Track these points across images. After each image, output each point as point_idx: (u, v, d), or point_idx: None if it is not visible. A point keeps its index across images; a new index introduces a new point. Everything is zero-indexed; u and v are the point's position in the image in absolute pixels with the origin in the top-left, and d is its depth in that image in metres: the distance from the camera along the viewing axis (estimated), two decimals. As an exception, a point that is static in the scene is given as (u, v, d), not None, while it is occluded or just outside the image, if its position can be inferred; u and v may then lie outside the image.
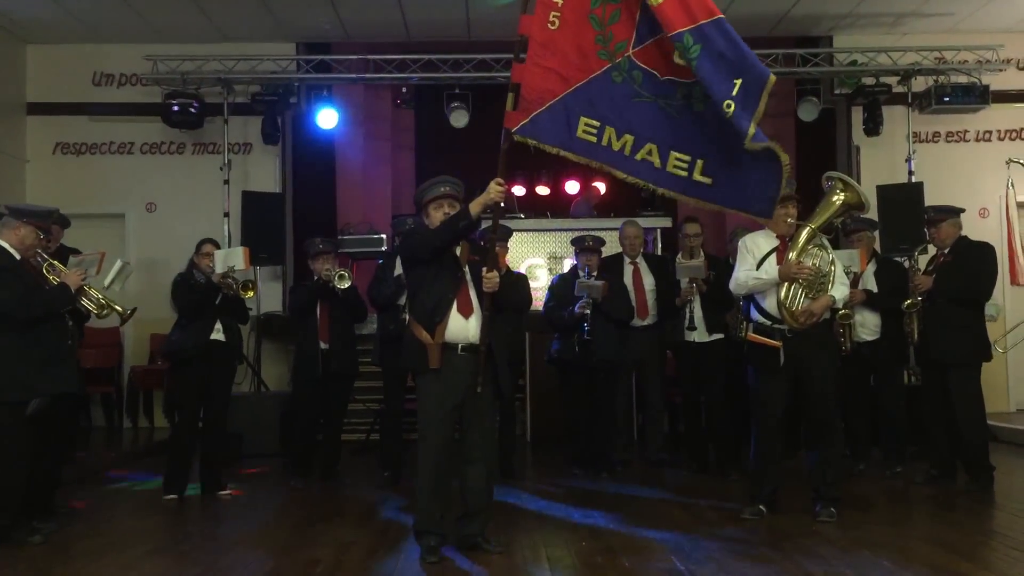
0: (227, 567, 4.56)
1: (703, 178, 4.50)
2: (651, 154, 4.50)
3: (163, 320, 6.48)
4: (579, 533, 5.11)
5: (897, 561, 4.38)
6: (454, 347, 4.56)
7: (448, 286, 4.58)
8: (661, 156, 4.50)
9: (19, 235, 5.15)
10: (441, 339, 4.53)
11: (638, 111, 4.51)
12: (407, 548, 4.71)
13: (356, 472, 7.14)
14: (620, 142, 4.53)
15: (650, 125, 4.51)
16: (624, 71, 4.51)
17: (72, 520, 5.55)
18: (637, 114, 4.51)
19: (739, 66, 4.27)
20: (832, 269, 5.30)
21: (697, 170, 4.50)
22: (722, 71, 4.28)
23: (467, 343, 4.57)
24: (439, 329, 4.53)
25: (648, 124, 4.51)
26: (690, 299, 6.67)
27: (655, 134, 4.51)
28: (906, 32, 9.65)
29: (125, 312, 5.66)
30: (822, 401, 5.29)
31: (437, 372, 4.53)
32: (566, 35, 4.54)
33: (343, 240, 9.43)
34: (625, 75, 4.51)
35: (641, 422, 8.11)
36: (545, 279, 9.30)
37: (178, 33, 9.42)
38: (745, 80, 4.25)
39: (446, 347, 4.54)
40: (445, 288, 4.57)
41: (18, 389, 4.99)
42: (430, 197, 4.72)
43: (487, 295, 4.55)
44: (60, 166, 9.75)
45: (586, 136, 4.56)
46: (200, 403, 6.36)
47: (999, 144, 9.78)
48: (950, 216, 6.19)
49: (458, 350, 4.56)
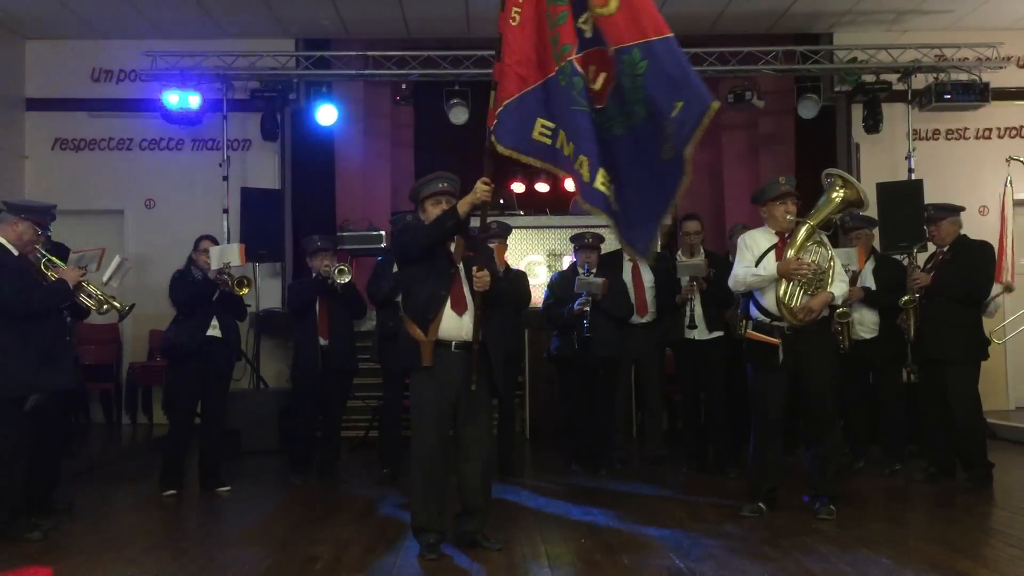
0: (225, 563, 4.55)
1: (616, 204, 4.41)
2: (582, 167, 4.41)
3: (162, 316, 6.48)
4: (578, 531, 5.11)
5: (896, 559, 4.37)
6: (447, 344, 4.55)
7: (441, 283, 4.57)
8: (591, 170, 4.38)
9: (17, 231, 5.14)
10: (434, 336, 4.53)
11: (575, 119, 4.40)
12: (406, 545, 4.70)
13: (355, 469, 7.13)
14: (569, 147, 4.44)
15: (584, 136, 4.39)
16: (567, 75, 4.39)
17: (70, 516, 5.54)
18: (574, 122, 4.41)
19: (683, 89, 4.18)
20: (831, 266, 5.29)
21: (613, 191, 4.40)
22: (666, 90, 4.19)
23: (460, 340, 4.56)
24: (432, 326, 4.53)
25: (582, 135, 4.40)
26: (690, 297, 6.67)
27: (587, 146, 4.39)
28: (906, 29, 9.65)
29: (123, 308, 5.67)
30: (821, 399, 5.29)
31: (430, 370, 4.53)
32: (526, 32, 4.47)
33: (342, 237, 9.42)
34: (567, 80, 4.39)
35: (640, 419, 8.12)
36: (544, 276, 9.30)
37: (177, 29, 9.41)
38: (687, 104, 4.15)
39: (439, 344, 4.54)
40: (438, 285, 4.56)
41: (16, 385, 4.98)
42: (427, 193, 4.72)
43: (479, 293, 4.55)
44: (59, 162, 9.73)
45: (541, 138, 4.49)
46: (197, 400, 6.37)
47: (999, 142, 9.77)
48: (950, 214, 6.19)
49: (451, 347, 4.56)
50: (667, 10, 8.97)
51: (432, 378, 4.55)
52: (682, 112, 4.14)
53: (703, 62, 9.33)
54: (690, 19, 9.35)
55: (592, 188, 4.37)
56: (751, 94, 9.83)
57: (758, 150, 11.24)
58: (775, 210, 5.37)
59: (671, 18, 4.34)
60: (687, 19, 9.37)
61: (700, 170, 12.00)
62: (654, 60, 4.20)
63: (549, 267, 9.71)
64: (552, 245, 9.86)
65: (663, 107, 4.19)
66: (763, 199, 5.43)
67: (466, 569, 4.36)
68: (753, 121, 11.09)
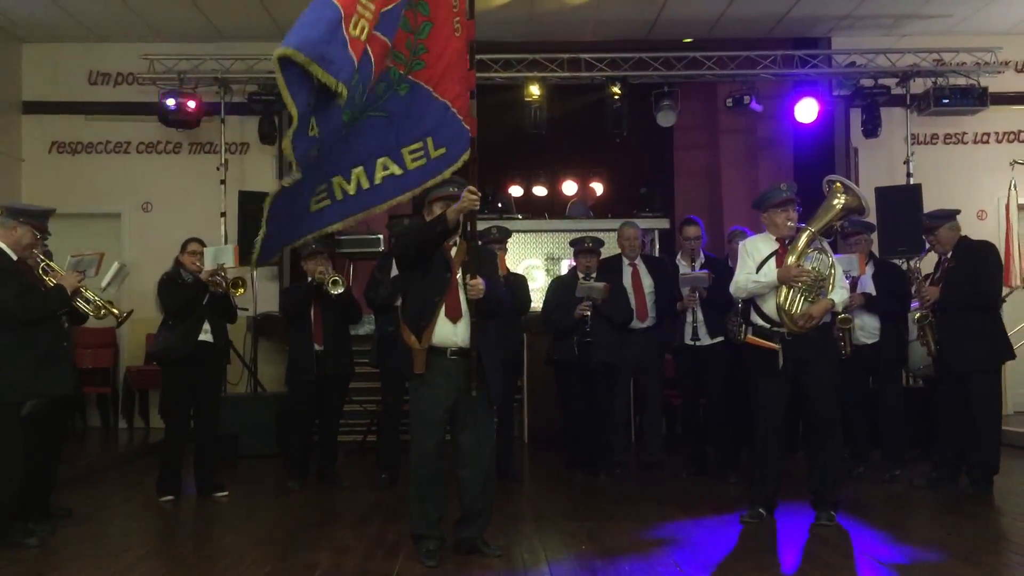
0: (223, 570, 4.52)
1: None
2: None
3: (159, 320, 6.44)
4: (578, 536, 5.08)
5: (898, 565, 4.36)
6: (443, 351, 4.53)
7: (435, 289, 4.54)
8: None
9: (15, 235, 5.11)
10: (428, 343, 4.50)
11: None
12: (405, 552, 4.68)
13: (353, 474, 7.10)
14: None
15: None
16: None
17: (67, 522, 5.51)
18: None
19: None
20: (832, 273, 5.28)
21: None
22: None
23: (456, 347, 4.53)
24: (426, 333, 4.50)
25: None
26: (692, 307, 6.67)
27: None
28: (905, 34, 9.65)
29: (122, 315, 5.65)
30: (822, 404, 5.27)
31: (423, 377, 4.51)
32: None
33: (339, 241, 9.39)
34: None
35: (639, 424, 8.09)
36: (543, 280, 9.29)
37: (175, 32, 9.39)
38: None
39: (435, 351, 4.51)
40: (432, 291, 4.53)
41: (14, 390, 4.96)
42: (437, 195, 4.69)
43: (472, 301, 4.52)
44: (56, 165, 9.70)
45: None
46: (191, 404, 6.33)
47: (997, 146, 9.78)
48: (946, 220, 6.13)
49: (447, 354, 4.53)
50: (666, 14, 9.11)
51: (427, 385, 4.53)
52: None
53: (701, 66, 9.34)
54: (689, 23, 9.35)
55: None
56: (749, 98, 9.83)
57: (756, 154, 11.24)
58: (776, 217, 5.36)
59: (670, 22, 4.36)
60: (686, 23, 9.38)
61: (698, 174, 12.04)
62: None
63: (547, 271, 9.70)
64: (550, 249, 9.85)
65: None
66: (764, 205, 5.41)
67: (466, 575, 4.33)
68: (751, 125, 11.09)
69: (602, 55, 9.44)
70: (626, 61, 9.38)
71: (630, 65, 9.38)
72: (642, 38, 9.63)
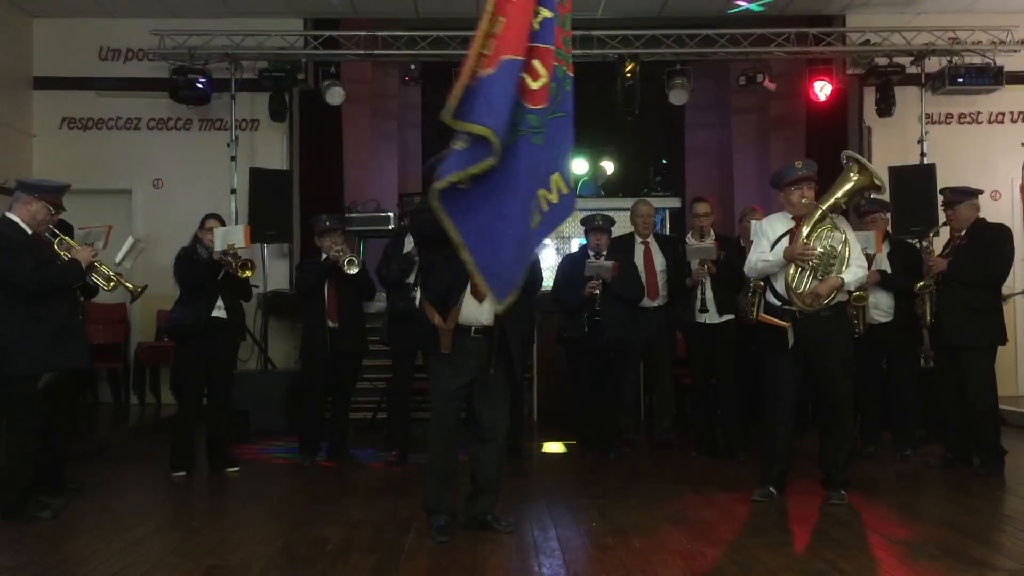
0: (236, 544, 4.55)
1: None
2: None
3: (170, 296, 6.45)
4: (589, 513, 5.10)
5: (909, 544, 4.36)
6: (467, 330, 4.54)
7: (462, 268, 4.52)
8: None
9: (31, 210, 5.13)
10: (454, 323, 4.51)
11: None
12: (416, 527, 4.70)
13: (364, 450, 7.13)
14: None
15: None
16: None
17: (80, 496, 5.55)
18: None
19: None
20: (846, 250, 5.25)
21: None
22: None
23: (481, 326, 4.55)
24: (452, 312, 4.51)
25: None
26: (701, 280, 6.64)
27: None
28: (920, 12, 9.55)
29: (136, 290, 5.65)
30: (834, 383, 5.26)
31: (448, 355, 4.52)
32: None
33: (350, 218, 9.38)
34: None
35: (649, 403, 8.10)
36: (554, 259, 9.28)
37: (185, 8, 9.34)
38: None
39: (459, 329, 4.52)
40: (459, 270, 4.49)
41: (30, 363, 4.99)
42: None
43: None
44: (66, 141, 9.69)
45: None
46: (203, 380, 6.35)
47: (1012, 126, 9.68)
48: (967, 198, 6.11)
49: (471, 332, 4.54)
50: (681, -9, 9.04)
51: (449, 364, 4.53)
52: None
53: (714, 43, 9.27)
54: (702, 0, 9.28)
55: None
56: (762, 76, 9.77)
57: (768, 133, 11.18)
58: (791, 195, 5.33)
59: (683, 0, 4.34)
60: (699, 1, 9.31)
61: (709, 153, 12.00)
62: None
63: (557, 250, 9.68)
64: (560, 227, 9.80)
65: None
66: (780, 184, 5.39)
67: (477, 551, 4.35)
68: (764, 104, 11.02)
69: (614, 32, 9.38)
70: (638, 39, 9.31)
71: (643, 43, 9.31)
72: (655, 16, 9.56)
